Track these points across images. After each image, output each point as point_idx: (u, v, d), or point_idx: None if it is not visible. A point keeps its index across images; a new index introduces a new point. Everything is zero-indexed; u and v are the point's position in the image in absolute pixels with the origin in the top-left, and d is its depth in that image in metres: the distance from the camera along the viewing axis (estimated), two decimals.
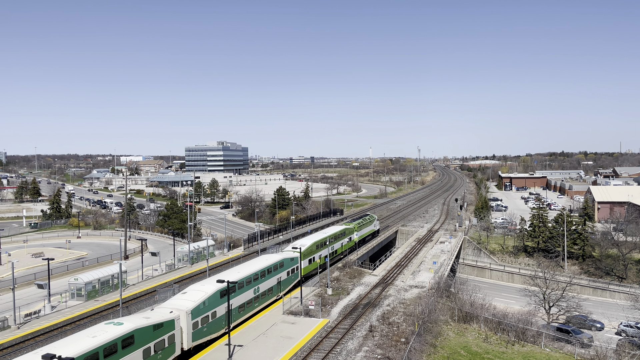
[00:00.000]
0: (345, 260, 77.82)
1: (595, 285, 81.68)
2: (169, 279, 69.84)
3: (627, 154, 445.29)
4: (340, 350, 40.88)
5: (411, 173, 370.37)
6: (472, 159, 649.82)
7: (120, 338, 32.01)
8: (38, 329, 48.99)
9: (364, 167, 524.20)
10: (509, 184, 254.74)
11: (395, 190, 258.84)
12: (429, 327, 46.69)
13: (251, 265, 53.19)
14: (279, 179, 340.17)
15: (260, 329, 46.24)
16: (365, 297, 57.95)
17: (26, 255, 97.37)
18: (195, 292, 42.60)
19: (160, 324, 36.22)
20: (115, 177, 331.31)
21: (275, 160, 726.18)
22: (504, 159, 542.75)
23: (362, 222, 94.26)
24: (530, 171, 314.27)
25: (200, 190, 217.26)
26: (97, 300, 60.06)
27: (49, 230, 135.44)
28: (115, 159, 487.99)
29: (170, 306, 40.11)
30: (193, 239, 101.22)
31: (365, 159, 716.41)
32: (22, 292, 67.39)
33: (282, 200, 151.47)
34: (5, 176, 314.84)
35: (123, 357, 32.20)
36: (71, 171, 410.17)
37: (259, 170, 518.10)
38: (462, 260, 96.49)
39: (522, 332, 49.75)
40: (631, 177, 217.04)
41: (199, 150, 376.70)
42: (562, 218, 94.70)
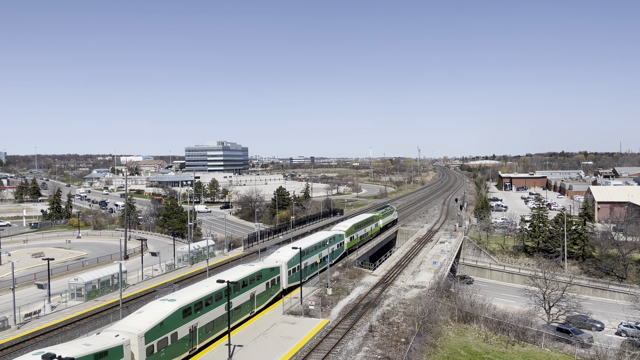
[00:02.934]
0: (345, 260, 77.86)
1: (595, 285, 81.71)
2: (169, 279, 69.86)
3: (627, 154, 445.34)
4: (340, 350, 40.88)
5: (411, 173, 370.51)
6: (472, 159, 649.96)
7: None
8: (38, 329, 49.00)
9: (364, 167, 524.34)
10: (509, 184, 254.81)
11: (395, 190, 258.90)
12: (429, 327, 46.70)
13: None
14: (279, 179, 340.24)
15: (260, 329, 46.23)
16: (365, 297, 57.95)
17: (26, 255, 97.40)
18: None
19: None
20: (115, 177, 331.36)
21: (275, 160, 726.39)
22: (504, 159, 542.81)
23: (385, 211, 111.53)
24: (530, 171, 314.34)
25: (200, 190, 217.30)
26: (97, 301, 60.08)
27: (49, 230, 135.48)
28: (115, 159, 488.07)
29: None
30: (193, 239, 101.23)
31: (365, 159, 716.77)
32: (22, 292, 67.40)
33: (282, 200, 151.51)
34: (5, 176, 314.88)
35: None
36: (72, 172, 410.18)
37: (259, 170, 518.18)
38: (462, 260, 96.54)
39: (522, 332, 49.77)
40: (631, 177, 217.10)
41: (199, 150, 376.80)
42: (562, 218, 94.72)
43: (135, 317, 36.52)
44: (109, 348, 31.13)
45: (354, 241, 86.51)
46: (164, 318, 36.29)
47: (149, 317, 36.10)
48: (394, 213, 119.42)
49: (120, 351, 31.87)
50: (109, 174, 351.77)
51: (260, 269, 52.01)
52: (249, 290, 49.04)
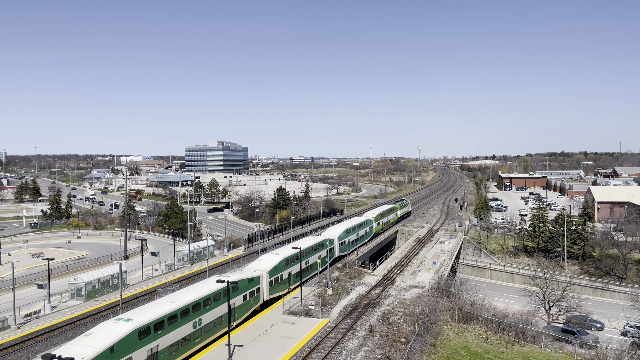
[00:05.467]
0: (345, 260, 77.89)
1: (595, 285, 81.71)
2: (169, 279, 69.88)
3: (627, 154, 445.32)
4: (340, 350, 40.88)
5: (411, 173, 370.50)
6: (472, 159, 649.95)
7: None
8: (38, 329, 49.00)
9: (364, 167, 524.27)
10: (509, 184, 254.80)
11: (395, 191, 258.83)
12: (429, 327, 46.68)
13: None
14: (279, 179, 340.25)
15: (260, 329, 46.21)
16: (365, 297, 57.95)
17: (26, 255, 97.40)
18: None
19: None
20: (115, 177, 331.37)
21: (275, 160, 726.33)
22: (504, 159, 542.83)
23: (402, 203, 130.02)
24: (530, 171, 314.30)
25: (200, 190, 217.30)
26: (97, 300, 60.09)
27: (49, 230, 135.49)
28: (115, 159, 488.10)
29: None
30: (193, 239, 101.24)
31: (365, 159, 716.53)
32: (22, 292, 67.40)
33: (282, 200, 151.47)
34: (5, 176, 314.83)
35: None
36: (72, 172, 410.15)
37: (259, 170, 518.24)
38: (462, 260, 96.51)
39: (522, 332, 49.76)
40: (631, 177, 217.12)
41: (199, 150, 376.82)
42: (562, 218, 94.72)
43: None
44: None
45: (380, 226, 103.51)
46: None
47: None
48: (409, 205, 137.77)
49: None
50: (109, 174, 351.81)
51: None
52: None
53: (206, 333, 41.83)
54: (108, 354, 30.89)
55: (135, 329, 33.61)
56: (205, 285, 44.43)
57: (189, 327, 39.45)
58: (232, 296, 45.51)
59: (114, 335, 32.10)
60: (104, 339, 31.56)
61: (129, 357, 32.68)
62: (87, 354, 29.43)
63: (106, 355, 30.73)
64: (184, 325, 38.82)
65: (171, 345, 37.29)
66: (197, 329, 40.47)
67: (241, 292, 47.96)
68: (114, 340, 31.72)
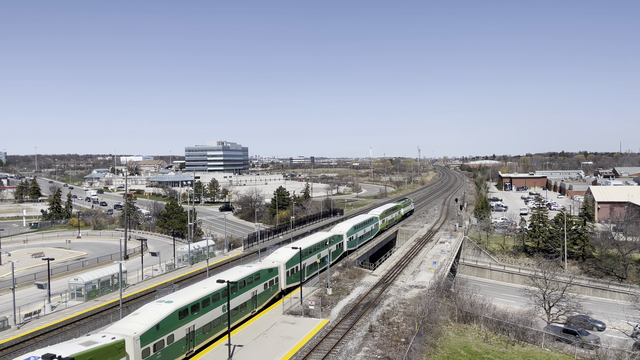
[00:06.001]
0: (345, 260, 77.90)
1: (595, 285, 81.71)
2: (169, 279, 69.86)
3: (627, 154, 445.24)
4: (340, 350, 40.87)
5: (411, 173, 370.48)
6: (472, 159, 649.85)
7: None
8: (38, 329, 49.00)
9: (364, 167, 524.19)
10: (509, 184, 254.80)
11: (395, 191, 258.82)
12: (429, 327, 46.68)
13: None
14: (279, 179, 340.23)
15: (260, 329, 46.22)
16: (365, 297, 57.94)
17: (26, 255, 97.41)
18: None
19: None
20: (115, 177, 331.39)
21: (275, 160, 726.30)
22: (504, 159, 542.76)
23: (405, 202, 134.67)
24: (530, 171, 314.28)
25: (200, 190, 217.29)
26: (97, 300, 60.08)
27: (49, 230, 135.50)
28: (115, 159, 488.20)
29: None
30: (193, 239, 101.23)
31: (365, 159, 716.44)
32: (22, 292, 67.41)
33: (282, 200, 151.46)
34: (5, 176, 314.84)
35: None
36: (72, 172, 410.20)
37: (259, 170, 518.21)
38: (462, 260, 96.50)
39: (522, 332, 49.76)
40: (631, 177, 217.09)
41: (199, 150, 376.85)
42: (562, 218, 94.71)
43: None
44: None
45: (385, 223, 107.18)
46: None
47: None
48: (412, 204, 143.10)
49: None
50: (109, 174, 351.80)
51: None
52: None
53: (233, 317, 45.78)
54: (155, 330, 35.10)
55: (176, 310, 37.78)
56: (232, 273, 49.11)
57: (219, 311, 43.40)
58: (255, 284, 50.59)
59: (158, 315, 36.21)
60: (150, 318, 35.76)
61: (171, 334, 36.89)
62: (138, 330, 33.85)
63: (153, 332, 34.90)
64: (215, 309, 42.85)
65: (204, 325, 41.28)
66: (224, 313, 44.15)
67: (262, 281, 52.35)
68: (159, 318, 35.89)
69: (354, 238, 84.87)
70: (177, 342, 37.74)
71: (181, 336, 38.15)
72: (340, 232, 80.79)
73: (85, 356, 29.00)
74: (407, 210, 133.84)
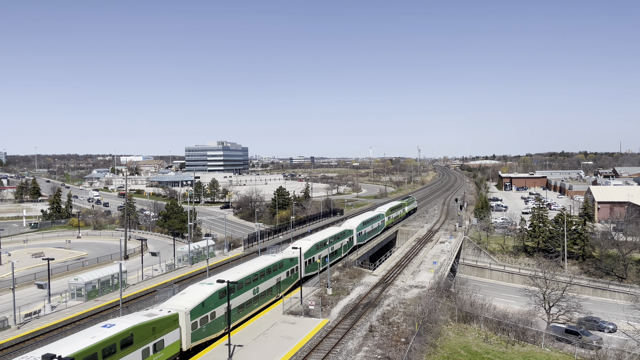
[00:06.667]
0: (345, 260, 77.92)
1: (595, 285, 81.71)
2: (169, 279, 69.83)
3: (627, 154, 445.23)
4: (340, 350, 40.87)
5: (411, 173, 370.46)
6: (472, 159, 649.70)
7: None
8: (38, 329, 48.98)
9: (364, 167, 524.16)
10: (509, 184, 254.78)
11: (395, 191, 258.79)
12: (429, 327, 46.68)
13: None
14: (279, 179, 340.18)
15: (260, 329, 46.22)
16: (365, 297, 57.94)
17: (26, 255, 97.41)
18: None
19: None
20: (115, 177, 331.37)
21: (275, 160, 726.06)
22: (504, 159, 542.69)
23: (409, 200, 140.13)
24: (530, 171, 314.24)
25: (200, 190, 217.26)
26: (97, 300, 60.05)
27: (49, 230, 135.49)
28: (115, 159, 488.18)
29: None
30: (193, 239, 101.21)
31: (365, 159, 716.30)
32: (22, 292, 67.41)
33: (282, 200, 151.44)
34: (5, 176, 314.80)
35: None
36: (72, 172, 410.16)
37: (259, 170, 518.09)
38: (462, 260, 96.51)
39: (522, 332, 49.74)
40: (631, 177, 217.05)
41: (199, 150, 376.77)
42: (562, 218, 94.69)
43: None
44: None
45: (391, 220, 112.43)
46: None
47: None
48: (415, 202, 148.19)
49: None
50: (109, 174, 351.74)
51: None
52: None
53: (261, 299, 51.76)
54: (201, 307, 40.69)
55: (217, 290, 43.11)
56: (259, 261, 54.84)
57: (250, 293, 49.30)
58: (279, 271, 56.23)
59: (203, 294, 41.84)
60: (197, 296, 41.41)
61: (213, 311, 42.40)
62: (188, 306, 39.60)
63: (200, 308, 40.48)
64: (247, 291, 48.78)
65: (239, 306, 47.06)
66: (255, 295, 50.42)
67: (285, 269, 57.78)
68: (204, 297, 41.47)
69: (363, 233, 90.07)
70: (218, 318, 43.09)
71: (221, 314, 43.38)
72: (350, 227, 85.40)
73: (150, 324, 35.02)
74: (411, 208, 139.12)
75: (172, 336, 37.25)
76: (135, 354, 33.12)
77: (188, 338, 38.93)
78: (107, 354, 30.63)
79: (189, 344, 39.07)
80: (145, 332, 34.30)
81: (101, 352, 30.15)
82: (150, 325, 34.92)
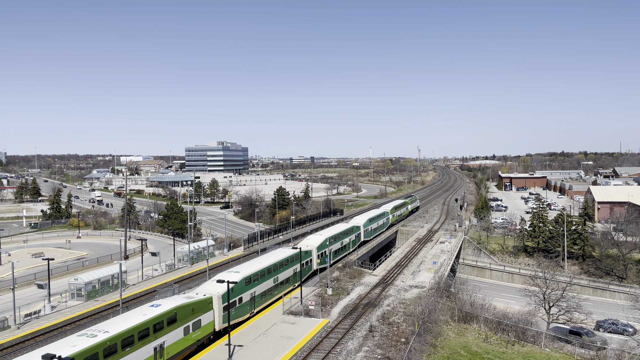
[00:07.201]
0: (345, 260, 77.91)
1: (595, 285, 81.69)
2: (169, 279, 69.83)
3: (627, 154, 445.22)
4: (340, 350, 40.87)
5: (411, 173, 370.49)
6: (472, 159, 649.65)
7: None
8: (38, 329, 48.99)
9: (364, 167, 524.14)
10: (509, 184, 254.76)
11: (396, 191, 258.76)
12: (429, 327, 46.68)
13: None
14: (279, 179, 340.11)
15: (260, 329, 46.22)
16: (365, 297, 57.94)
17: (26, 255, 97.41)
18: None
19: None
20: (115, 177, 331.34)
21: (275, 160, 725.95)
22: (504, 159, 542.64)
23: (412, 199, 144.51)
24: (530, 171, 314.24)
25: (200, 190, 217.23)
26: (97, 301, 60.05)
27: (49, 230, 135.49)
28: (115, 159, 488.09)
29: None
30: (193, 239, 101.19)
31: (365, 159, 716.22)
32: (22, 292, 67.40)
33: (282, 200, 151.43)
34: (5, 176, 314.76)
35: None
36: (72, 172, 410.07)
37: (259, 170, 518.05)
38: (462, 260, 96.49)
39: (522, 332, 49.72)
40: (631, 177, 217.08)
41: (199, 150, 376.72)
42: (562, 218, 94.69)
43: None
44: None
45: (395, 217, 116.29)
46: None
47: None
48: (417, 201, 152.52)
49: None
50: (109, 174, 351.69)
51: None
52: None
53: (280, 287, 56.37)
54: (231, 292, 44.84)
55: (244, 278, 48.34)
56: (278, 254, 59.11)
57: (270, 282, 53.92)
58: (295, 263, 60.66)
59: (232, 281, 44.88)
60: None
61: (240, 296, 47.28)
62: (220, 290, 44.04)
63: (230, 292, 44.49)
64: (268, 280, 53.33)
65: (262, 293, 51.73)
66: (275, 284, 55.00)
67: (300, 261, 61.24)
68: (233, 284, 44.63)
69: (369, 230, 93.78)
70: (245, 303, 48.16)
71: (247, 299, 48.53)
72: (358, 224, 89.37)
73: (190, 305, 39.50)
74: (414, 206, 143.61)
75: (207, 317, 41.80)
76: (179, 330, 37.97)
77: (220, 319, 43.48)
78: (157, 329, 35.58)
79: (221, 324, 43.65)
80: (186, 312, 38.93)
81: (152, 327, 35.15)
82: (190, 306, 39.43)
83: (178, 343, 37.82)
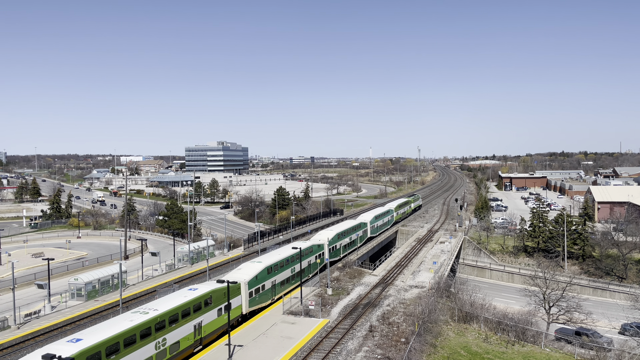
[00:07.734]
0: (345, 260, 77.92)
1: (595, 285, 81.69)
2: (169, 279, 69.83)
3: (627, 154, 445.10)
4: (340, 350, 40.86)
5: (411, 173, 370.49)
6: (472, 159, 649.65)
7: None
8: (38, 329, 48.99)
9: (364, 167, 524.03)
10: (509, 184, 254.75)
11: (396, 191, 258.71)
12: (429, 327, 46.68)
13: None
14: (279, 179, 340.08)
15: (260, 329, 46.21)
16: (365, 297, 57.94)
17: (26, 255, 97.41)
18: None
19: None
20: (115, 177, 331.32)
21: (275, 160, 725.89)
22: (504, 159, 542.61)
23: (415, 197, 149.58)
24: (530, 171, 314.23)
25: (200, 190, 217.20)
26: (97, 300, 60.06)
27: (49, 230, 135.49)
28: (115, 159, 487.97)
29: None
30: (193, 239, 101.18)
31: (365, 159, 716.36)
32: (22, 292, 67.40)
33: (282, 200, 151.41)
34: (5, 176, 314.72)
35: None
36: (72, 172, 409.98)
37: (259, 170, 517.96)
38: (462, 260, 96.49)
39: (522, 332, 49.70)
40: (631, 177, 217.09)
41: (199, 150, 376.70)
42: (562, 218, 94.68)
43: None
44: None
45: (399, 215, 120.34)
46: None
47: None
48: (420, 200, 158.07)
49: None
50: (109, 174, 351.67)
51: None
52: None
53: (296, 278, 60.58)
54: (255, 280, 50.31)
55: (266, 267, 53.04)
56: (295, 246, 61.56)
57: (288, 272, 58.60)
58: (309, 255, 65.80)
59: (255, 269, 51.60)
60: (251, 271, 51.08)
61: (263, 284, 51.98)
62: (246, 278, 49.22)
63: (254, 280, 50.15)
64: (286, 270, 58.05)
65: (281, 282, 56.64)
66: (292, 274, 59.62)
67: (314, 254, 66.56)
68: (257, 272, 51.21)
69: (375, 226, 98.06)
70: (267, 290, 52.64)
71: (269, 287, 53.09)
72: (365, 221, 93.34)
73: (222, 290, 43.95)
74: (417, 205, 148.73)
75: (236, 301, 46.63)
76: (213, 312, 42.96)
77: (246, 304, 48.45)
78: (196, 309, 40.48)
79: (247, 308, 48.64)
80: (219, 296, 43.75)
81: (192, 307, 39.99)
82: (222, 291, 43.91)
83: (213, 323, 42.92)
